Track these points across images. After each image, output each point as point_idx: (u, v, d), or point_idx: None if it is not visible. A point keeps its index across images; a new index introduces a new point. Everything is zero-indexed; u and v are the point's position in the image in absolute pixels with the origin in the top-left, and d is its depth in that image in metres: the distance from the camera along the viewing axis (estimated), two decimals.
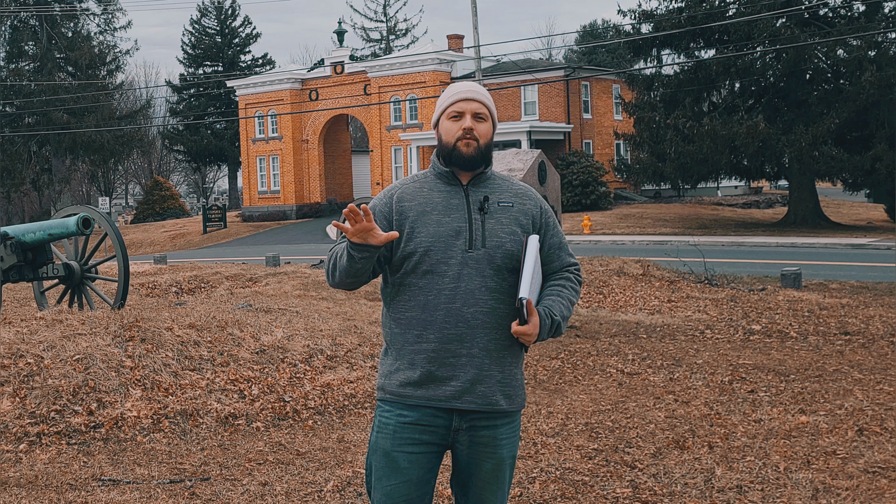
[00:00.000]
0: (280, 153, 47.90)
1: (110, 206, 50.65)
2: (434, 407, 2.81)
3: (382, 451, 2.84)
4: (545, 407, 6.63)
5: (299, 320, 8.86)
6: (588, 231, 30.65)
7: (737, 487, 4.77)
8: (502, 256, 2.81)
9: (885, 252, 22.13)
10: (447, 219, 2.82)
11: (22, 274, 9.70)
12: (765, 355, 8.42)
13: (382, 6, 68.18)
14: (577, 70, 42.09)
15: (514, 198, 2.91)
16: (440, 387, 2.80)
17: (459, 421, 2.83)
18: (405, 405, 2.83)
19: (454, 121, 2.86)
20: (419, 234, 2.80)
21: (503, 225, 2.84)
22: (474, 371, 2.79)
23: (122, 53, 57.09)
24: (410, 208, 2.84)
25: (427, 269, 2.79)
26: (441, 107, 2.91)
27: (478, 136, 2.84)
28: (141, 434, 6.01)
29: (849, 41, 28.52)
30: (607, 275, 13.88)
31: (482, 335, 2.79)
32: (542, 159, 9.91)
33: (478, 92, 2.88)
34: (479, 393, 2.80)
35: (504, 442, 2.89)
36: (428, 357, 2.79)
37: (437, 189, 2.88)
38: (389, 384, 2.86)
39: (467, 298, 2.77)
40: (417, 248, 2.80)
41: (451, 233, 2.80)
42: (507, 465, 2.93)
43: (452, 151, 2.85)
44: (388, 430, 2.84)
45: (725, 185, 44.89)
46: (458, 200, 2.85)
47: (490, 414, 2.85)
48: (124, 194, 75.26)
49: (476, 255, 2.79)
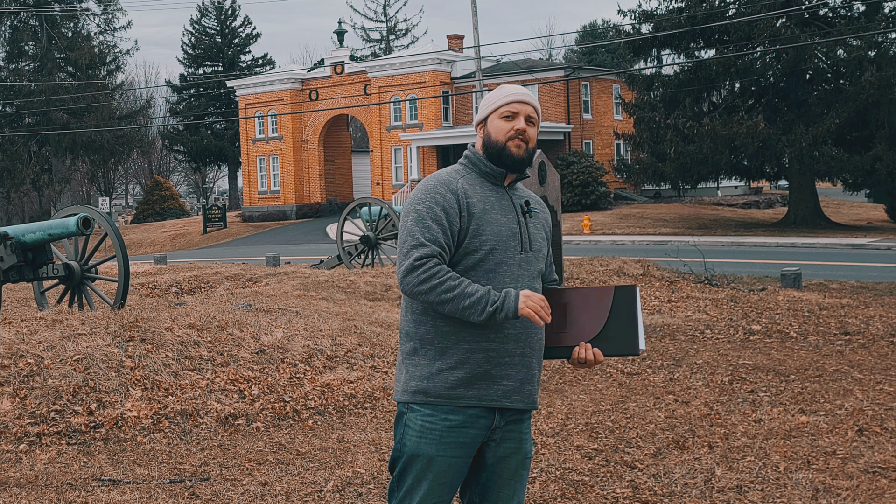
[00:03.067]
0: (280, 153, 47.89)
1: (110, 206, 50.65)
2: (482, 406, 2.80)
3: (426, 457, 2.80)
4: (545, 407, 6.63)
5: (299, 320, 8.86)
6: (588, 231, 30.65)
7: (737, 487, 4.77)
8: (541, 260, 2.93)
9: (885, 252, 22.13)
10: (504, 219, 2.84)
11: (22, 274, 9.70)
12: (765, 355, 8.42)
13: (382, 6, 68.20)
14: (577, 70, 42.09)
15: (537, 206, 2.99)
16: (492, 386, 2.80)
17: (500, 419, 2.86)
18: (452, 407, 2.79)
19: (507, 120, 2.87)
20: (484, 231, 2.79)
21: (538, 230, 2.94)
22: (525, 370, 2.84)
23: (122, 53, 57.13)
24: (475, 204, 2.81)
25: (490, 267, 2.79)
26: (493, 105, 2.90)
27: (528, 139, 2.87)
28: (141, 434, 6.01)
29: (849, 41, 28.53)
30: (607, 275, 13.87)
31: (534, 335, 2.85)
32: (542, 159, 9.91)
33: (532, 96, 2.93)
34: (526, 392, 2.86)
35: (527, 436, 2.96)
36: (486, 356, 2.78)
37: (486, 187, 2.87)
38: (435, 387, 2.79)
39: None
40: (482, 245, 2.79)
41: (509, 233, 2.83)
42: (529, 461, 2.99)
43: (503, 150, 2.86)
44: (434, 434, 2.79)
45: (725, 185, 44.88)
46: (507, 202, 2.88)
47: (525, 412, 2.93)
48: (124, 194, 75.26)
49: (526, 257, 2.86)
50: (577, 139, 41.42)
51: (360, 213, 16.87)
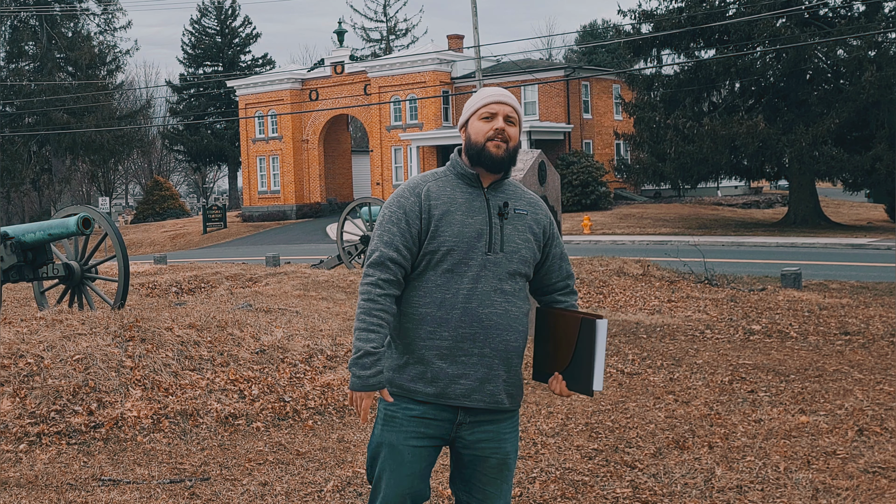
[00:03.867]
0: (280, 153, 47.89)
1: (110, 206, 50.64)
2: (441, 403, 2.88)
3: (389, 444, 2.91)
4: (545, 407, 6.63)
5: (299, 320, 8.87)
6: (588, 231, 30.65)
7: (737, 487, 4.77)
8: (517, 262, 2.91)
9: (885, 252, 22.13)
10: (470, 220, 2.88)
11: (22, 274, 9.70)
12: (765, 355, 8.42)
13: (382, 6, 68.20)
14: (577, 70, 42.09)
15: (529, 206, 2.99)
16: (450, 384, 2.86)
17: (464, 416, 2.91)
18: (412, 399, 2.89)
19: (486, 121, 2.92)
20: (444, 232, 2.86)
21: (519, 231, 2.93)
22: (484, 370, 2.87)
23: (122, 53, 57.16)
24: (437, 206, 2.88)
25: (448, 267, 2.85)
26: (473, 108, 2.96)
27: (508, 139, 2.91)
28: (141, 434, 6.01)
29: (849, 41, 28.52)
30: (607, 275, 13.87)
31: (494, 336, 2.86)
32: (542, 159, 9.91)
33: (510, 97, 2.96)
34: (487, 392, 2.89)
35: (508, 436, 2.97)
36: (440, 354, 2.85)
37: (459, 189, 2.93)
38: (399, 378, 2.91)
39: (483, 299, 2.85)
40: (441, 246, 2.85)
41: (473, 234, 2.86)
42: (512, 460, 3.00)
43: (482, 151, 2.90)
44: (396, 423, 2.90)
45: (725, 185, 44.90)
46: (480, 203, 2.91)
47: (495, 412, 2.93)
48: (124, 194, 75.26)
49: (494, 258, 2.87)
50: (577, 139, 41.42)
51: (360, 213, 16.87)
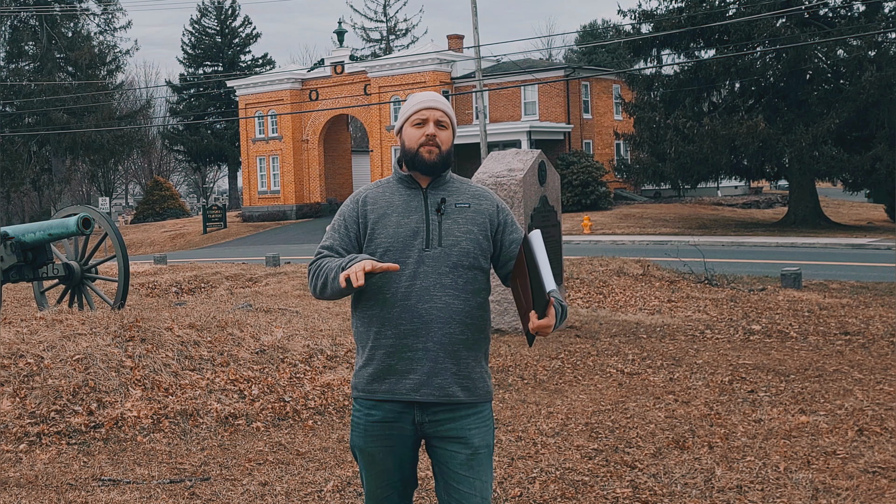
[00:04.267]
0: (280, 153, 47.89)
1: (110, 206, 50.64)
2: (396, 401, 2.96)
3: (358, 448, 3.05)
4: (545, 407, 6.63)
5: (299, 320, 8.87)
6: (588, 231, 30.66)
7: (737, 487, 4.77)
8: (458, 254, 2.97)
9: (885, 252, 22.13)
10: (406, 220, 2.98)
11: (22, 274, 9.71)
12: (765, 355, 8.42)
13: (382, 6, 68.20)
14: (577, 70, 42.08)
15: (471, 199, 3.05)
16: (400, 380, 2.95)
17: (422, 415, 2.96)
18: (372, 402, 2.99)
19: (417, 127, 3.01)
20: (379, 235, 2.98)
21: (459, 225, 2.99)
22: (430, 364, 2.93)
23: (122, 53, 57.18)
24: (373, 211, 3.02)
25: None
26: (405, 114, 3.06)
27: (440, 143, 3.00)
28: (141, 434, 6.01)
29: (849, 41, 28.51)
30: (607, 275, 13.87)
31: (437, 330, 2.92)
32: (542, 159, 9.91)
33: (440, 101, 3.04)
34: (435, 385, 2.94)
35: (474, 432, 2.99)
36: (387, 352, 2.94)
37: (398, 192, 3.05)
38: (358, 381, 3.03)
39: (422, 295, 2.92)
40: (378, 248, 2.97)
41: (409, 233, 2.96)
42: (483, 455, 3.01)
43: (415, 157, 3.01)
44: (360, 429, 3.03)
45: (725, 185, 44.89)
46: (418, 202, 3.01)
47: (449, 406, 2.97)
48: (124, 194, 75.25)
49: (433, 253, 2.95)
50: (577, 139, 41.42)
51: None
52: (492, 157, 10.03)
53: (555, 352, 8.62)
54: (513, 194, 9.47)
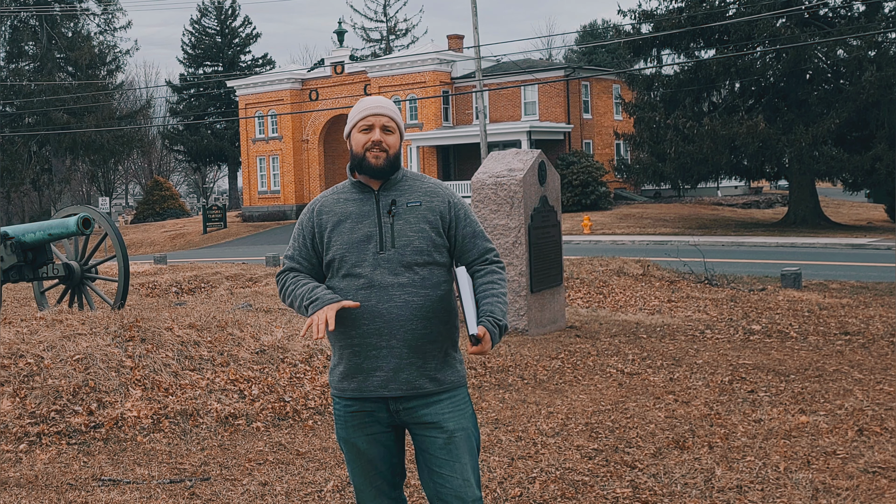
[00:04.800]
0: (280, 153, 47.90)
1: (110, 206, 50.64)
2: (366, 397, 3.06)
3: (342, 439, 3.14)
4: (545, 407, 6.64)
5: (299, 320, 8.87)
6: (588, 231, 30.66)
7: (737, 487, 4.77)
8: (412, 253, 3.04)
9: (885, 252, 22.13)
10: (359, 226, 3.07)
11: (22, 274, 9.71)
12: (765, 355, 8.42)
13: (382, 6, 68.18)
14: (577, 70, 42.09)
15: (423, 197, 3.12)
16: (367, 378, 3.05)
17: (396, 404, 3.06)
18: (345, 397, 3.11)
19: (364, 133, 3.09)
20: (335, 243, 3.08)
21: (411, 224, 3.06)
22: (395, 361, 3.01)
23: (122, 53, 57.13)
24: (328, 220, 3.12)
25: (345, 272, 3.06)
26: (352, 120, 3.13)
27: (387, 147, 3.08)
28: (141, 434, 6.01)
29: (849, 41, 28.52)
30: (607, 275, 13.87)
31: (399, 327, 3.00)
32: (541, 159, 9.91)
33: (386, 107, 3.11)
34: (402, 380, 3.03)
35: (448, 416, 3.06)
36: (353, 351, 3.05)
37: (351, 199, 3.13)
38: (332, 379, 3.16)
39: (381, 295, 3.00)
40: (335, 255, 3.08)
41: (362, 238, 3.05)
42: (461, 438, 3.06)
43: (362, 161, 3.08)
44: (341, 420, 3.13)
45: (725, 185, 44.90)
46: (370, 207, 3.10)
47: (419, 396, 3.05)
48: (124, 194, 75.27)
49: (387, 255, 3.03)
50: (577, 139, 41.42)
51: None
52: (492, 157, 10.04)
53: (555, 352, 8.63)
54: (513, 194, 9.47)
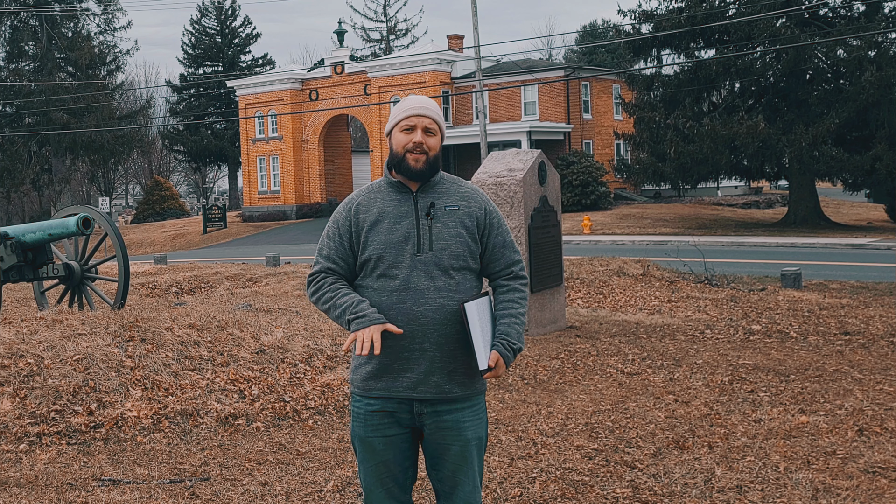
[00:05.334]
0: (280, 153, 47.88)
1: (110, 206, 50.63)
2: (393, 398, 3.05)
3: (358, 438, 3.11)
4: (545, 407, 6.64)
5: (299, 320, 8.87)
6: (588, 231, 30.65)
7: (737, 487, 4.77)
8: (448, 257, 3.04)
9: (885, 252, 22.13)
10: (397, 226, 3.05)
11: (22, 274, 9.70)
12: (765, 355, 8.42)
13: (382, 6, 68.18)
14: (577, 70, 42.08)
15: (461, 201, 3.11)
16: (397, 379, 3.04)
17: (420, 407, 3.06)
18: (369, 396, 3.09)
19: (406, 133, 3.07)
20: (372, 242, 3.05)
21: (449, 228, 3.06)
22: (427, 364, 3.01)
23: (122, 53, 57.13)
24: (365, 219, 3.09)
25: (381, 273, 3.03)
26: (394, 119, 3.12)
27: (427, 149, 3.06)
28: (141, 434, 6.01)
29: (849, 41, 28.51)
30: (607, 275, 13.87)
31: (432, 331, 3.00)
32: (542, 159, 9.91)
33: (429, 108, 3.09)
34: (432, 383, 3.03)
35: (467, 424, 3.08)
36: (384, 353, 3.01)
37: (389, 198, 3.11)
38: (355, 378, 3.12)
39: (417, 298, 2.99)
40: (371, 255, 3.05)
41: (400, 239, 3.03)
42: (474, 447, 3.11)
43: (402, 162, 3.07)
44: (360, 418, 3.11)
45: (725, 185, 44.88)
46: (408, 207, 3.08)
47: (447, 400, 3.06)
48: (124, 194, 75.24)
49: (424, 258, 3.02)
50: (577, 139, 41.41)
51: None
52: (492, 157, 10.03)
53: (555, 352, 8.63)
54: (513, 194, 9.47)
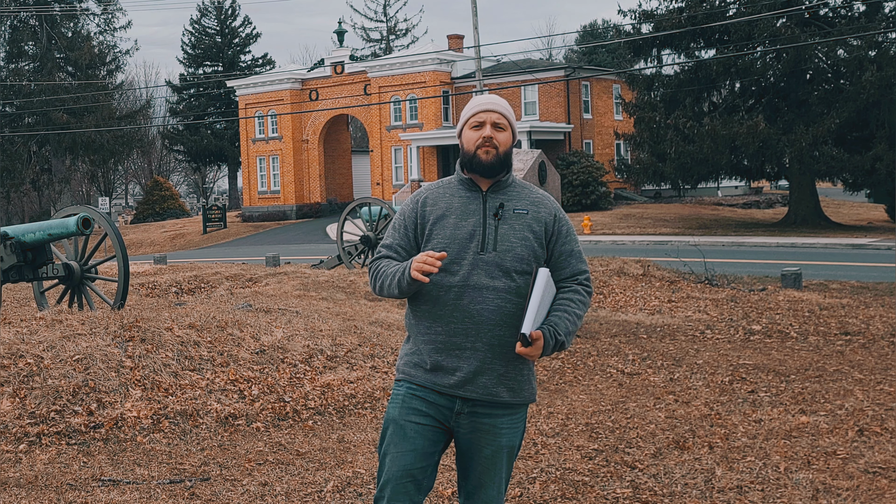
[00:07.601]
0: (280, 153, 47.88)
1: (110, 206, 50.65)
2: (438, 391, 3.05)
3: (392, 419, 3.09)
4: (545, 407, 6.63)
5: (299, 320, 8.86)
6: (588, 231, 30.65)
7: (737, 487, 4.77)
8: (512, 259, 3.02)
9: (885, 252, 22.13)
10: (463, 223, 3.05)
11: (22, 274, 9.69)
12: (765, 355, 8.41)
13: (382, 6, 68.18)
14: (577, 70, 42.07)
15: (530, 206, 3.10)
16: (445, 375, 3.03)
17: (462, 405, 3.04)
18: (413, 382, 3.09)
19: (475, 130, 3.09)
20: (437, 235, 3.06)
21: (515, 231, 3.05)
22: (477, 364, 3.00)
23: (122, 53, 57.11)
24: (432, 212, 3.10)
25: (441, 267, 2.98)
26: (464, 117, 3.14)
27: (497, 144, 3.06)
28: (141, 434, 6.01)
29: (849, 41, 28.50)
30: (607, 275, 13.87)
31: (486, 331, 2.99)
32: (542, 159, 9.91)
33: (498, 104, 3.10)
34: (480, 384, 3.01)
35: (504, 431, 3.07)
36: (436, 347, 3.03)
37: (458, 195, 3.12)
38: (404, 367, 3.14)
39: (475, 296, 2.98)
40: (435, 248, 3.04)
41: (465, 236, 3.03)
42: (505, 454, 3.10)
43: (473, 158, 3.07)
44: (398, 400, 3.09)
45: (725, 185, 44.87)
46: (476, 206, 3.08)
47: (491, 403, 3.04)
48: (124, 194, 75.23)
49: (486, 257, 3.01)
50: (578, 139, 41.41)
51: (360, 213, 16.86)
52: None
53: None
54: None
